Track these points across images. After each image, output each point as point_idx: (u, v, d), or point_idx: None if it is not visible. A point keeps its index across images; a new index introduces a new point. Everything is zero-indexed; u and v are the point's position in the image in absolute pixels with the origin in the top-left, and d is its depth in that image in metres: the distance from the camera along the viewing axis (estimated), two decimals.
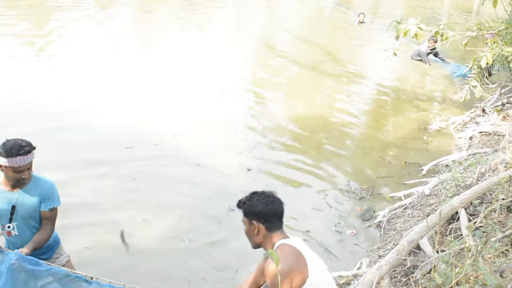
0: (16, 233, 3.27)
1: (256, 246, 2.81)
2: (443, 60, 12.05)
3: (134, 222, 5.18)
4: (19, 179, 3.13)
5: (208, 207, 5.57)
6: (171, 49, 11.11)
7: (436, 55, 12.02)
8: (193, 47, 11.66)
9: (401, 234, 5.05)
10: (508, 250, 3.46)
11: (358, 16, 15.14)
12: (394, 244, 4.91)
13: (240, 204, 2.84)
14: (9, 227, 3.24)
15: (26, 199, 3.21)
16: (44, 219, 3.32)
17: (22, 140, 3.10)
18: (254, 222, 2.73)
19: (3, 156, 3.01)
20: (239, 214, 5.34)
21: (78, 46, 10.54)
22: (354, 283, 4.21)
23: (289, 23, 15.49)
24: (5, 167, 3.05)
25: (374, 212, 5.83)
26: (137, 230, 5.07)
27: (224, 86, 9.10)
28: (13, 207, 3.19)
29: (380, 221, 5.58)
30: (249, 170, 6.44)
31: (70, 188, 5.35)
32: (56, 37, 11.08)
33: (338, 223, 5.58)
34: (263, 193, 2.80)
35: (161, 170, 6.21)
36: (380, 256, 4.84)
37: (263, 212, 2.70)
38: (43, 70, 9.09)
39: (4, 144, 3.04)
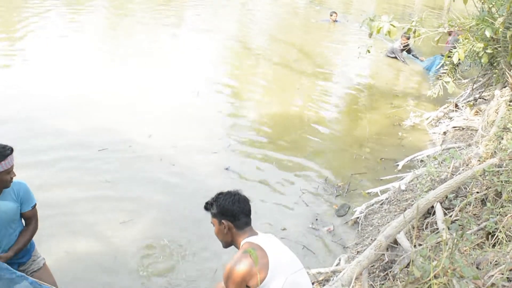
0: None
1: (227, 245, 2.89)
2: (417, 57, 12.17)
3: (112, 225, 5.10)
4: (11, 180, 3.09)
5: (187, 207, 5.51)
6: (144, 49, 10.99)
7: (409, 51, 12.12)
8: (166, 46, 11.57)
9: (378, 230, 5.07)
10: (484, 243, 3.50)
11: (331, 15, 15.18)
12: (371, 239, 4.93)
13: (208, 206, 2.89)
14: None
15: (5, 205, 3.14)
16: (28, 219, 3.32)
17: None
18: (223, 221, 2.78)
19: None
20: None
21: (48, 46, 10.40)
22: (333, 279, 4.21)
23: (262, 22, 15.48)
24: None
25: (349, 208, 5.86)
26: (115, 233, 5.00)
27: (198, 85, 9.03)
28: None
29: (357, 217, 5.60)
30: (226, 169, 6.40)
31: (44, 192, 5.23)
32: (27, 35, 10.94)
33: (316, 220, 5.58)
34: (228, 192, 2.87)
35: (136, 171, 6.13)
36: (358, 252, 4.85)
37: (231, 211, 2.77)
38: (12, 69, 8.93)
39: None
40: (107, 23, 13.44)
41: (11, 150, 3.05)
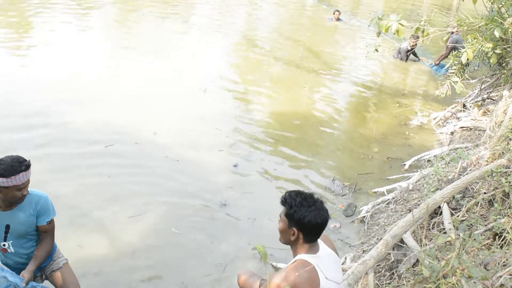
0: (12, 250, 3.20)
1: (286, 243, 2.72)
2: (418, 58, 12.05)
3: (121, 220, 5.14)
4: (21, 196, 3.02)
5: (195, 204, 5.54)
6: (151, 46, 11.00)
7: (414, 52, 12.00)
8: (174, 44, 11.57)
9: (384, 229, 5.06)
10: (491, 244, 3.48)
11: (334, 14, 15.19)
12: (378, 239, 4.92)
13: (286, 205, 2.67)
14: (4, 245, 3.17)
15: (20, 217, 3.11)
16: (43, 232, 3.27)
17: (17, 156, 2.99)
18: (294, 228, 2.61)
19: (6, 176, 2.88)
20: (230, 208, 5.35)
21: (57, 42, 10.43)
22: None
23: (271, 19, 15.48)
24: (5, 187, 2.92)
25: (356, 207, 5.85)
26: (124, 227, 5.03)
27: (205, 82, 9.03)
28: (7, 226, 3.11)
29: (364, 216, 5.59)
30: (235, 166, 6.41)
31: (53, 188, 5.24)
32: (35, 34, 10.97)
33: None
34: (314, 203, 2.64)
35: (142, 168, 6.14)
36: (364, 251, 4.85)
37: (310, 226, 2.58)
38: (19, 67, 8.96)
39: (0, 163, 2.90)
40: (116, 19, 13.46)
41: (27, 167, 2.96)
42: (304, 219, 2.55)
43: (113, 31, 12.35)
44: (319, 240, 2.69)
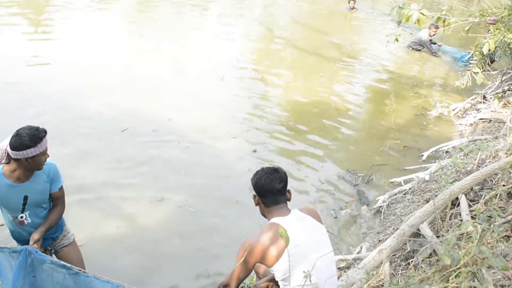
0: (29, 221, 3.28)
1: (263, 215, 2.97)
2: (435, 43, 11.84)
3: (140, 204, 5.19)
4: (44, 161, 3.14)
5: (214, 188, 5.62)
6: (169, 33, 11.03)
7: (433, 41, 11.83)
8: (192, 31, 11.57)
9: (401, 219, 5.05)
10: (509, 236, 3.46)
11: (349, 3, 15.02)
12: (394, 228, 4.91)
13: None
14: (22, 217, 3.24)
15: (37, 186, 3.20)
16: (56, 199, 3.38)
17: (28, 125, 3.06)
18: (255, 195, 2.89)
19: (32, 146, 2.98)
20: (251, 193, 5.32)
21: (75, 32, 10.45)
22: (354, 267, 4.21)
23: (289, 8, 15.37)
24: (33, 157, 3.01)
25: (364, 193, 5.84)
26: (144, 213, 5.09)
27: (223, 70, 9.03)
28: (25, 197, 3.18)
29: (380, 206, 5.58)
30: (254, 151, 6.46)
31: (70, 171, 5.28)
32: (53, 24, 11.04)
33: (341, 208, 5.57)
34: (266, 168, 2.92)
35: (160, 154, 6.17)
36: (380, 240, 4.84)
37: (258, 187, 2.86)
38: (38, 54, 9.00)
39: (20, 136, 2.97)
40: (134, 8, 13.47)
41: (45, 132, 3.08)
42: (254, 182, 2.87)
43: (131, 19, 12.36)
44: (297, 210, 2.89)
